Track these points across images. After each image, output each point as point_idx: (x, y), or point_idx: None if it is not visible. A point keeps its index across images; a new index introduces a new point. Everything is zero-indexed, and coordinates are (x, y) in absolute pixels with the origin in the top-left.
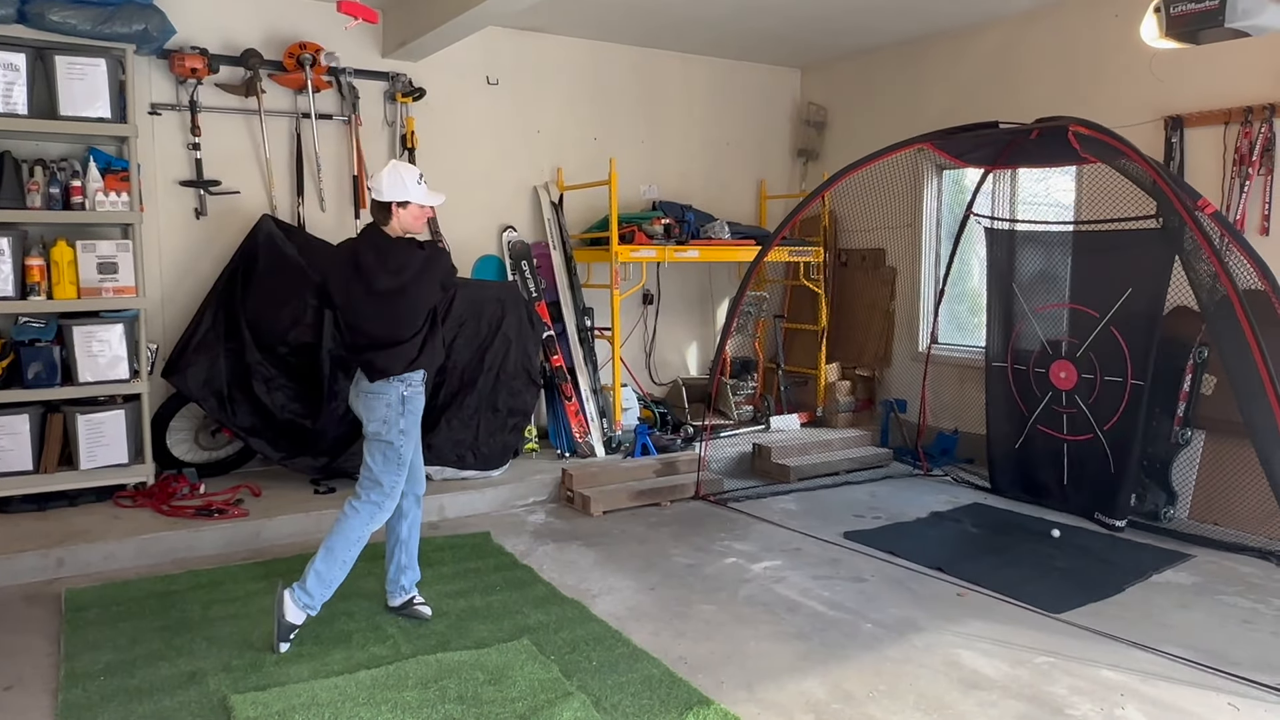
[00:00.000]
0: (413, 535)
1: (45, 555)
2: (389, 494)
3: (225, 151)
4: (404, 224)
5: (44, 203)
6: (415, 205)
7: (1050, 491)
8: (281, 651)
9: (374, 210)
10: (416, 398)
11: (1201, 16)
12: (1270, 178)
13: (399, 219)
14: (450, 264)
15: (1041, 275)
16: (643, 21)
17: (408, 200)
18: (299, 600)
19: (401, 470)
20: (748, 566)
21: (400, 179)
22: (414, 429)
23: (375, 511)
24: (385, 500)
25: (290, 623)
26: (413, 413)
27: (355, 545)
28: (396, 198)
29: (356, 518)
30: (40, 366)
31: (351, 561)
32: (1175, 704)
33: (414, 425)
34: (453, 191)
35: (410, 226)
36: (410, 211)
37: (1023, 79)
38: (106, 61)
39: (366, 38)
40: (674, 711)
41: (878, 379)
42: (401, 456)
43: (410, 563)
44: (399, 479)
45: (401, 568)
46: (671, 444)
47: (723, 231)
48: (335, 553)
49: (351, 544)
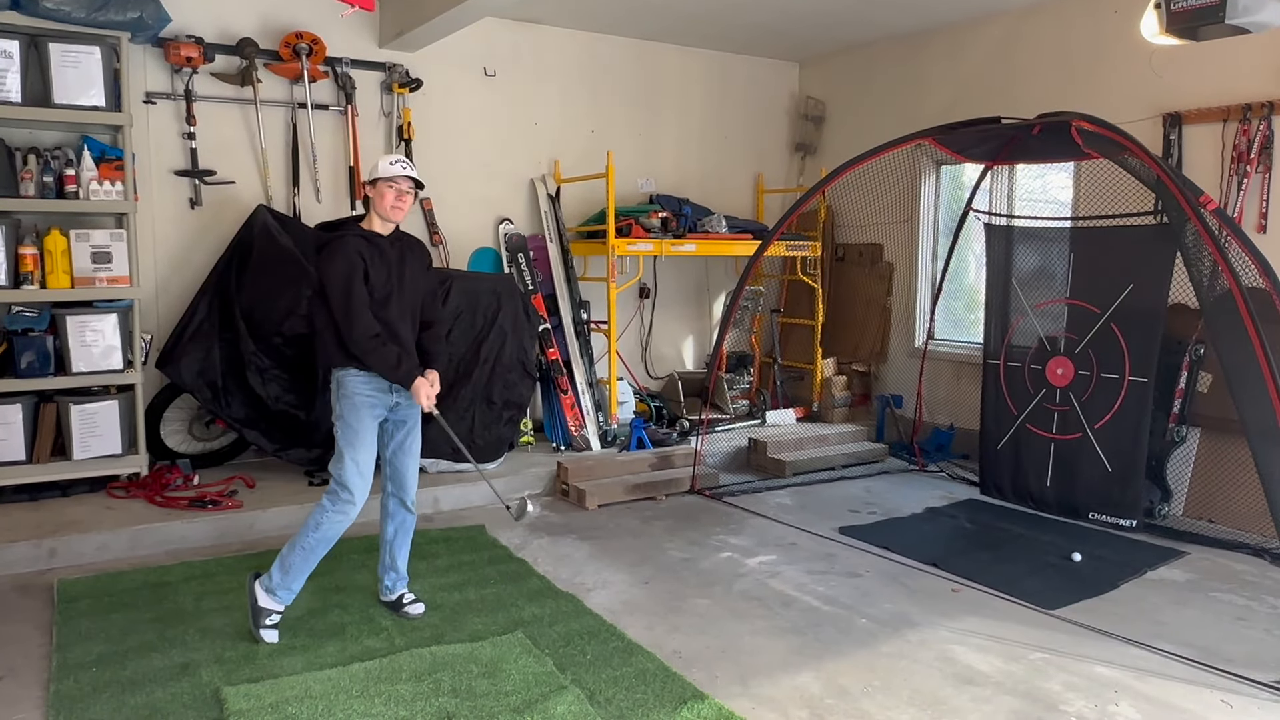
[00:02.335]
0: (398, 538)
1: (38, 546)
2: (341, 486)
3: (220, 141)
4: (378, 208)
5: (37, 191)
6: (382, 181)
7: (1032, 492)
8: (269, 641)
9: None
10: (355, 391)
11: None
12: (1268, 175)
13: (374, 203)
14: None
15: (1041, 271)
16: (641, 14)
17: (375, 179)
18: (263, 582)
19: (347, 464)
20: (743, 561)
21: (377, 164)
22: (356, 422)
23: (331, 504)
24: (340, 493)
25: (261, 606)
26: (349, 402)
27: (312, 533)
28: (367, 178)
29: (318, 507)
30: (33, 356)
31: (313, 550)
32: (1169, 700)
33: (355, 417)
34: (449, 183)
35: (380, 209)
36: (378, 191)
37: (1022, 74)
38: (101, 49)
39: (363, 28)
40: (668, 705)
41: (874, 374)
42: (341, 448)
43: (393, 565)
44: (345, 473)
45: (385, 567)
46: (667, 438)
47: (720, 225)
48: (297, 537)
49: (308, 530)
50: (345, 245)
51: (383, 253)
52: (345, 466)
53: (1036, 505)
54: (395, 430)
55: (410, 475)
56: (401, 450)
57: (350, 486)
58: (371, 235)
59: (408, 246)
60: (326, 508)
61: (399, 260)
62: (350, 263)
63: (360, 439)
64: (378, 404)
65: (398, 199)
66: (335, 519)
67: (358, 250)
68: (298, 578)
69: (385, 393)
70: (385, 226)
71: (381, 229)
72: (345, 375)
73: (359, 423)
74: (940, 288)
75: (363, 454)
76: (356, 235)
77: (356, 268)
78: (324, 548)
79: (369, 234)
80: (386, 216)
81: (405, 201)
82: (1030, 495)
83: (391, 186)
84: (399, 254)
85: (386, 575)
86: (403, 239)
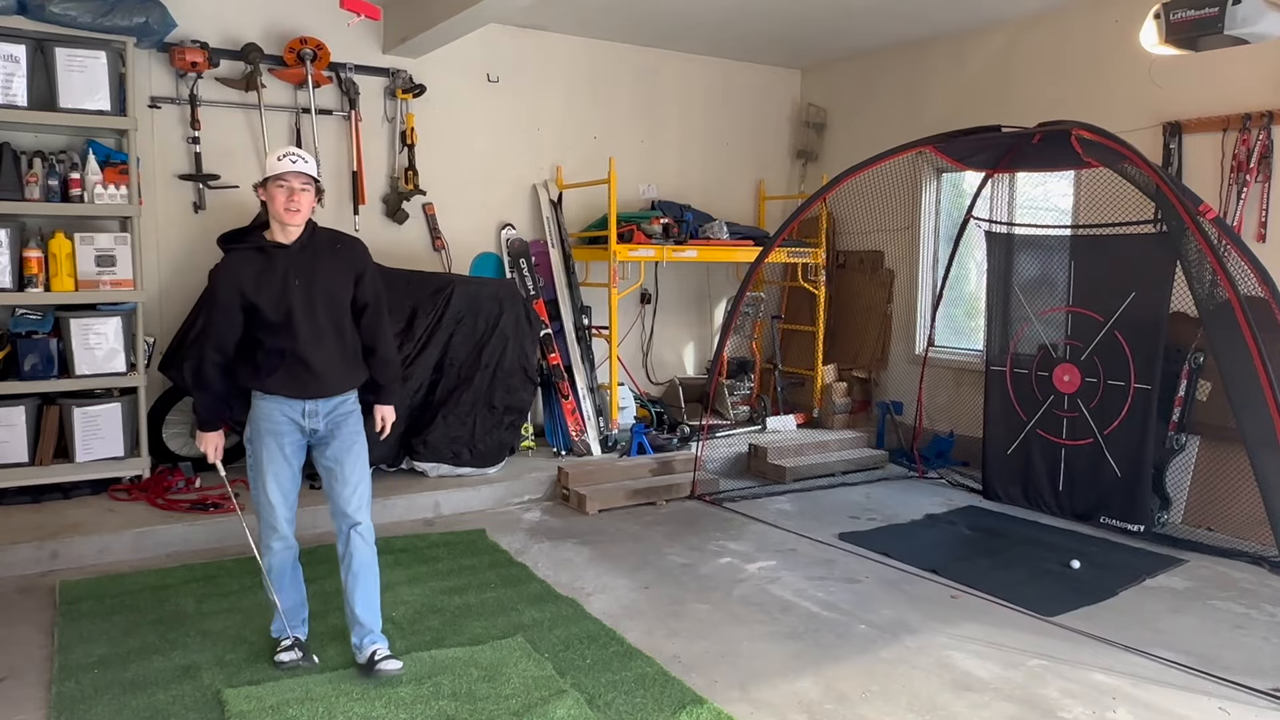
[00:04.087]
0: (357, 581)
1: (40, 547)
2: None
3: (225, 146)
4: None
5: (42, 194)
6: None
7: (1044, 497)
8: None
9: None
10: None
11: (1201, 23)
12: (1267, 185)
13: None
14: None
15: (1042, 279)
16: (643, 21)
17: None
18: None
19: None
20: (742, 566)
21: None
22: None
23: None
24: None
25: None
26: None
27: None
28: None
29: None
30: (37, 358)
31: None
32: (1167, 708)
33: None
34: (452, 189)
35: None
36: (270, 193)
37: (1022, 83)
38: (107, 54)
39: (367, 34)
40: (667, 710)
41: (874, 381)
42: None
43: (356, 617)
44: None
45: (350, 620)
46: (668, 443)
47: (721, 232)
48: None
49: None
50: (222, 268)
51: (274, 266)
52: (260, 500)
53: (1048, 510)
54: (325, 454)
55: (355, 503)
56: (337, 479)
57: (269, 520)
58: (268, 247)
59: (324, 251)
60: (263, 546)
61: (306, 270)
62: (217, 292)
63: (267, 468)
64: (287, 429)
65: (289, 199)
66: (269, 555)
67: (232, 276)
68: (277, 606)
69: (298, 418)
70: (287, 233)
71: (283, 236)
72: (254, 398)
73: (262, 450)
74: (941, 295)
75: (272, 484)
76: (246, 249)
77: (223, 299)
78: (280, 578)
79: (265, 245)
80: (282, 220)
81: (300, 201)
82: (1042, 500)
83: (281, 186)
84: (308, 262)
85: (354, 630)
86: (317, 244)
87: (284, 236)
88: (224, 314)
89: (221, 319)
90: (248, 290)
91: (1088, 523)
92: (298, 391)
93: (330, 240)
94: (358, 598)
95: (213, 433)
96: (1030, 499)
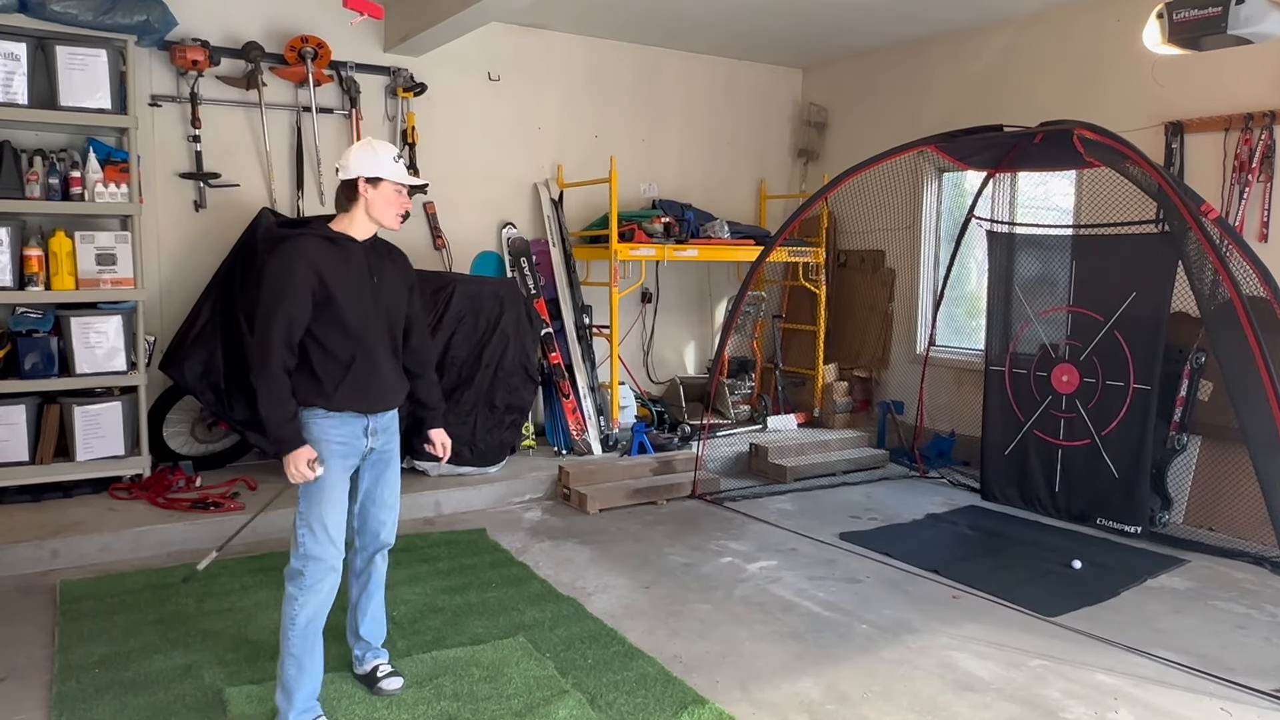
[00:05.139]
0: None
1: (40, 546)
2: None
3: (225, 144)
4: (374, 212)
5: (43, 193)
6: (389, 184)
7: (1040, 498)
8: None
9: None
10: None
11: (1204, 23)
12: (1270, 184)
13: (367, 204)
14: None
15: (1043, 279)
16: (645, 20)
17: (379, 176)
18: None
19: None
20: (743, 566)
21: (373, 153)
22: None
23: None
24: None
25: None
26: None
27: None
28: (365, 172)
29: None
30: (37, 357)
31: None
32: (1168, 709)
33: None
34: (453, 187)
35: (381, 216)
36: (382, 193)
37: (1024, 83)
38: (107, 52)
39: (369, 32)
40: (669, 710)
41: (875, 380)
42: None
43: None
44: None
45: (353, 635)
46: (668, 443)
47: (722, 231)
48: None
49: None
50: (297, 249)
51: (351, 258)
52: (313, 536)
53: (1045, 511)
54: (367, 474)
55: (390, 526)
56: (375, 501)
57: (322, 558)
58: (340, 238)
59: (387, 254)
60: (295, 596)
61: (378, 270)
62: (292, 275)
63: (328, 498)
64: (350, 451)
65: (402, 207)
66: (313, 599)
67: (311, 259)
68: (304, 685)
69: (360, 436)
70: (365, 231)
71: (359, 233)
72: (310, 416)
73: (327, 475)
74: (942, 294)
75: (332, 515)
76: (318, 237)
77: (299, 284)
78: (315, 637)
79: (338, 236)
80: (382, 223)
81: (407, 210)
82: (1038, 501)
83: (400, 191)
84: (376, 261)
85: (356, 644)
86: (379, 245)
87: (359, 235)
88: (298, 304)
89: (297, 310)
90: (328, 278)
91: (1084, 524)
92: (367, 404)
93: (386, 247)
94: (369, 615)
95: (304, 447)
96: (1027, 500)
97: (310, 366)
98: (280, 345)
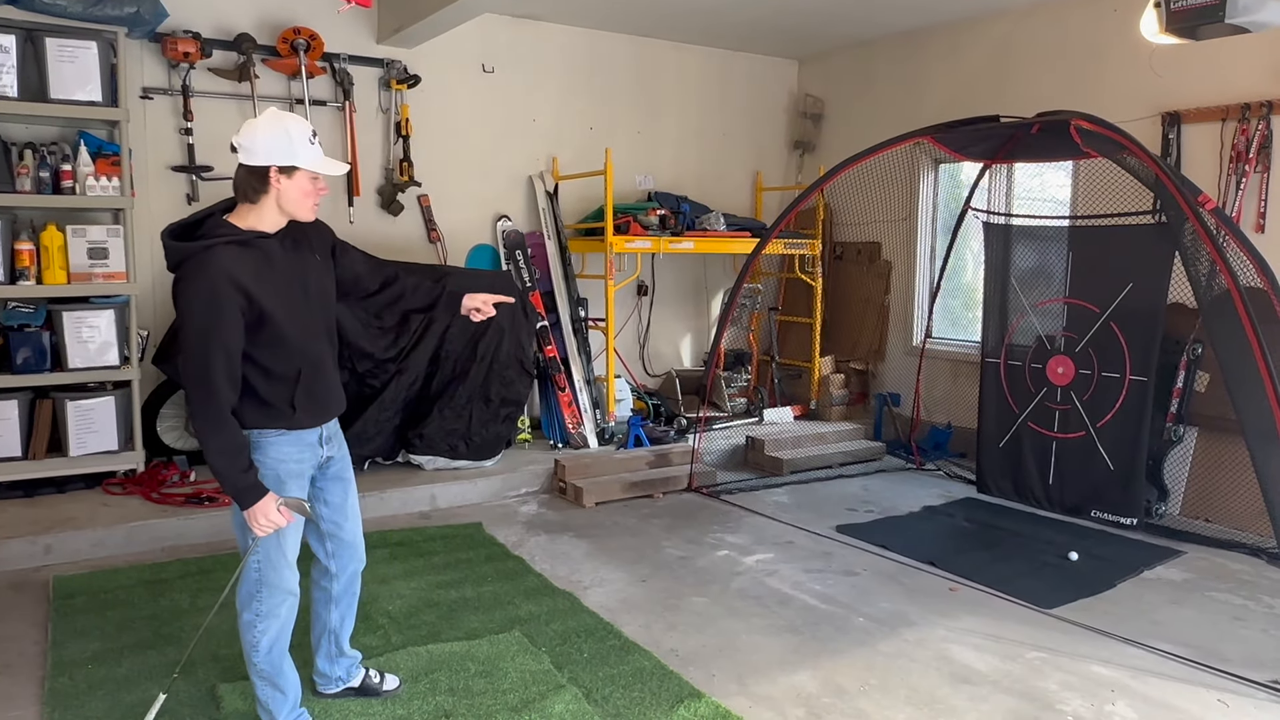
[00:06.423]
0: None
1: (33, 542)
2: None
3: (218, 137)
4: (285, 204)
5: (34, 186)
6: (305, 173)
7: (1034, 491)
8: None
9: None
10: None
11: (1201, 12)
12: (1267, 175)
13: (279, 195)
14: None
15: (1039, 270)
16: (639, 10)
17: (294, 165)
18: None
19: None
20: (740, 559)
21: (287, 136)
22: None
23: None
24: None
25: None
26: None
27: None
28: (278, 161)
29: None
30: (29, 352)
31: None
32: (1165, 700)
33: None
34: (447, 180)
35: (295, 208)
36: (297, 183)
37: (1021, 73)
38: (98, 44)
39: (361, 24)
40: (665, 704)
41: (872, 373)
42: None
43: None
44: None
45: (330, 657)
46: (665, 436)
47: (718, 223)
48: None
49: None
50: (210, 266)
51: (272, 260)
52: (269, 563)
53: (1038, 503)
54: (334, 488)
55: (358, 538)
56: (348, 515)
57: (278, 585)
58: (252, 238)
59: (304, 239)
60: (254, 623)
61: (295, 260)
62: (216, 299)
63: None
64: (306, 469)
65: (317, 196)
66: (274, 624)
67: (230, 275)
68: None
69: (316, 448)
70: (276, 224)
71: (269, 226)
72: (262, 438)
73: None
74: (938, 286)
75: (289, 538)
76: (229, 244)
77: (225, 308)
78: (282, 654)
79: (249, 237)
80: (295, 215)
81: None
82: (1032, 493)
83: (316, 178)
84: (292, 249)
85: (335, 664)
86: (292, 231)
87: (271, 227)
88: (230, 331)
89: (232, 338)
90: (254, 292)
91: (1078, 517)
92: (320, 415)
93: (300, 230)
94: (346, 631)
95: (267, 496)
96: (1021, 492)
97: (254, 392)
98: (223, 384)
